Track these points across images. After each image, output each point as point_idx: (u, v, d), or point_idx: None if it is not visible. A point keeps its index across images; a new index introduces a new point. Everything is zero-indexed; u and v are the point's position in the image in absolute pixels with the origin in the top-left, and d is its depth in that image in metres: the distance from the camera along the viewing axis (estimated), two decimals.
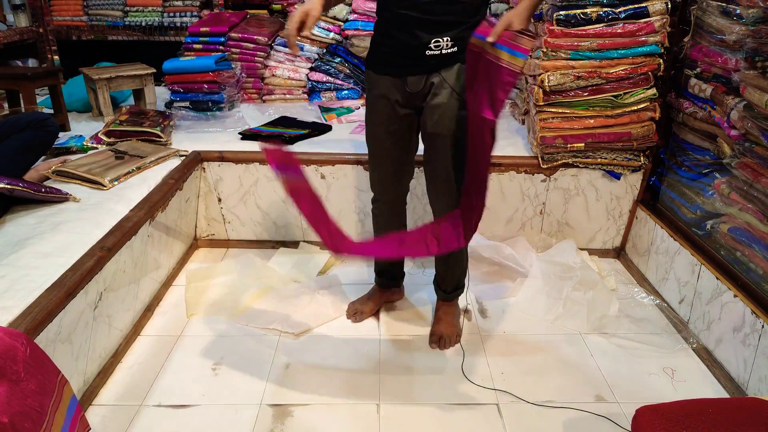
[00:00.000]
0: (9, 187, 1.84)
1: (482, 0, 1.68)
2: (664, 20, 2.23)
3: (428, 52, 1.65)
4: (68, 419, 1.25)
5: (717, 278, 1.95)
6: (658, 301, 2.30)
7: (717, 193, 2.04)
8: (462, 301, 2.26)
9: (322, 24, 3.27)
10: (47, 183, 2.16)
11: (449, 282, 2.05)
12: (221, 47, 3.23)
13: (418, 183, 2.39)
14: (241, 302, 2.24)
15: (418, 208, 2.57)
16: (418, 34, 1.63)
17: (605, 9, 2.25)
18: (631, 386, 1.86)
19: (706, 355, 1.98)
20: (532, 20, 2.53)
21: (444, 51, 1.65)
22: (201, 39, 3.24)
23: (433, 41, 1.63)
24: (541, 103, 2.37)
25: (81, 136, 2.69)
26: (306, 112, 3.16)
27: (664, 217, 2.39)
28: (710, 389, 1.87)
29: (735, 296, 1.85)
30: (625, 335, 2.11)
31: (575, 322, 2.16)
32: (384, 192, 2.01)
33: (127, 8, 3.78)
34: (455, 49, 1.66)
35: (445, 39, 1.64)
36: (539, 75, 2.34)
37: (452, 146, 1.76)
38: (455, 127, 1.73)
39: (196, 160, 2.50)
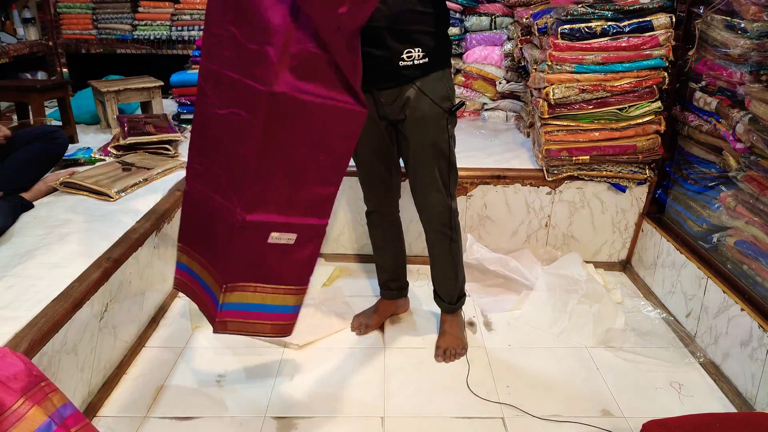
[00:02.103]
0: None
1: (442, 10, 1.70)
2: (669, 34, 2.24)
3: (401, 63, 1.66)
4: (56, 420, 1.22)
5: (724, 292, 1.94)
6: (664, 315, 2.29)
7: (723, 206, 2.03)
8: (467, 313, 2.25)
9: None
10: (57, 193, 2.19)
11: (448, 293, 2.05)
12: None
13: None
14: None
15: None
16: (390, 45, 1.63)
17: (610, 23, 2.26)
18: (637, 400, 1.85)
19: (713, 370, 1.97)
20: (537, 34, 2.56)
21: (416, 62, 1.67)
22: None
23: (405, 52, 1.65)
24: (546, 116, 2.38)
25: (89, 148, 2.71)
26: None
27: (670, 230, 2.39)
28: (718, 404, 1.85)
29: (742, 310, 1.84)
30: (631, 349, 2.10)
31: (581, 335, 2.15)
32: (377, 204, 2.03)
33: (136, 22, 3.83)
34: (427, 59, 1.68)
35: (416, 50, 1.65)
36: (544, 88, 2.35)
37: (441, 156, 1.79)
38: (442, 136, 1.76)
39: None
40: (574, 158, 2.42)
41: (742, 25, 1.91)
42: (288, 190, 1.47)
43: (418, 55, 1.66)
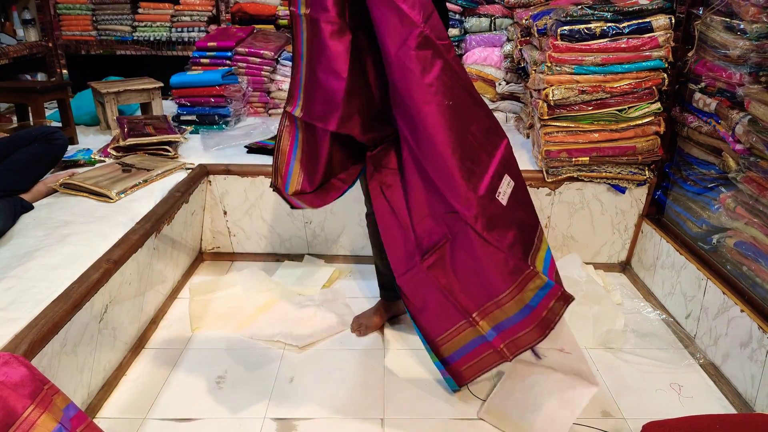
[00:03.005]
0: None
1: (442, 11, 1.71)
2: (668, 35, 2.24)
3: None
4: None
5: (723, 293, 1.94)
6: (664, 316, 2.29)
7: (722, 207, 2.03)
8: None
9: None
10: (57, 194, 2.18)
11: None
12: (228, 62, 3.26)
13: None
14: (245, 315, 2.24)
15: None
16: None
17: (609, 24, 2.27)
18: (637, 402, 1.85)
19: (713, 371, 1.97)
20: (536, 35, 2.56)
21: None
22: (208, 53, 3.27)
23: None
24: (546, 117, 2.38)
25: (89, 149, 2.71)
26: None
27: (670, 231, 2.39)
28: (717, 405, 1.85)
29: (741, 311, 1.84)
30: (631, 350, 2.10)
31: (581, 336, 2.14)
32: None
33: (136, 23, 3.83)
34: None
35: None
36: (544, 89, 2.35)
37: None
38: None
39: (202, 173, 2.52)
40: (573, 159, 2.42)
41: (742, 26, 1.91)
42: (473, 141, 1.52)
43: None
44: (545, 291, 1.54)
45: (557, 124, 2.39)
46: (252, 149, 2.72)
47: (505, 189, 1.55)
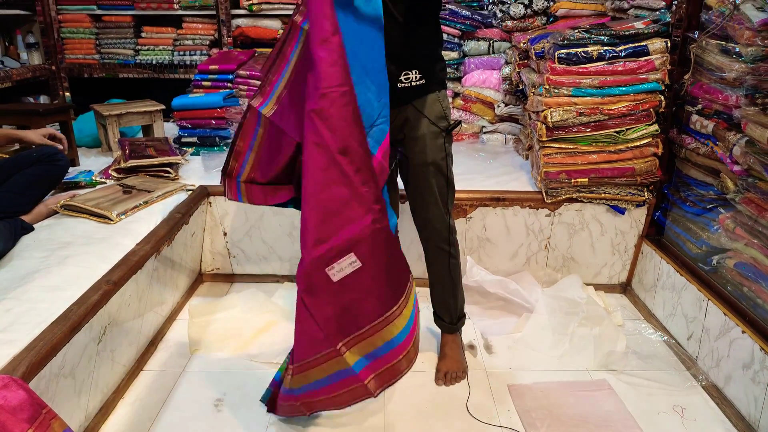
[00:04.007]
0: None
1: (437, 34, 1.75)
2: (664, 58, 2.27)
3: (399, 85, 1.70)
4: None
5: (724, 314, 1.93)
6: (665, 338, 2.28)
7: (722, 228, 2.04)
8: (467, 336, 2.24)
9: None
10: (57, 216, 2.19)
11: (447, 312, 2.04)
12: (229, 84, 3.30)
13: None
14: (245, 337, 2.23)
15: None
16: (389, 68, 1.62)
17: (606, 48, 2.30)
18: (640, 425, 1.83)
19: (715, 393, 1.95)
20: (534, 58, 2.59)
21: (414, 83, 1.71)
22: (210, 76, 3.30)
23: (403, 74, 1.69)
24: (545, 139, 2.40)
25: (90, 171, 2.72)
26: None
27: (670, 252, 2.39)
28: (721, 428, 1.83)
29: (743, 332, 1.83)
30: (633, 372, 2.08)
31: (582, 358, 2.14)
32: None
33: (139, 47, 3.87)
34: (423, 81, 1.72)
35: (414, 72, 1.70)
36: (542, 111, 2.37)
37: (440, 173, 1.82)
38: (440, 154, 1.80)
39: (202, 195, 2.53)
40: (572, 180, 2.43)
41: (737, 49, 1.93)
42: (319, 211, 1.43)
43: (416, 77, 1.70)
44: (346, 375, 1.57)
45: (556, 145, 2.41)
46: None
47: (344, 267, 1.45)
